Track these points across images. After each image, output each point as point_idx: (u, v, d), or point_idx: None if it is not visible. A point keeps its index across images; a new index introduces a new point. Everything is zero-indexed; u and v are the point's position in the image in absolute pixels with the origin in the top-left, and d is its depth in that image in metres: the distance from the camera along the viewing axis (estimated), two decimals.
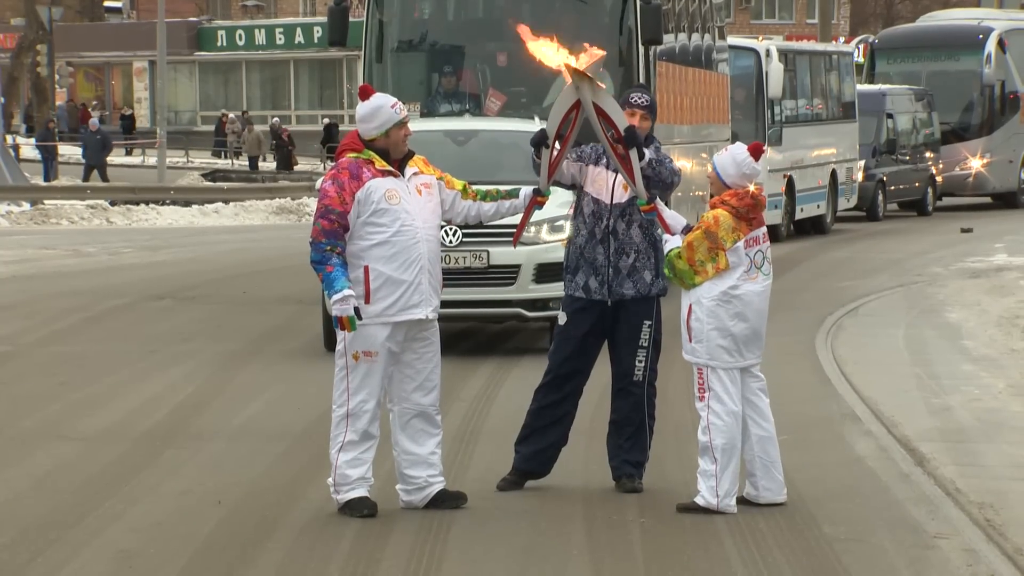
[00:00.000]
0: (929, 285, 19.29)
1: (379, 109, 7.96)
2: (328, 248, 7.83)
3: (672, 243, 8.14)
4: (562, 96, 8.27)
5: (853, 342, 14.48)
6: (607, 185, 8.46)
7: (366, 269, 7.89)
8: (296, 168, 48.43)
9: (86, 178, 39.77)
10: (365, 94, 8.04)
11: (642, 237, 8.48)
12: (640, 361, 8.46)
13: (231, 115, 56.03)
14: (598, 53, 8.33)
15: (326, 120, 56.17)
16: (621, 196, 8.43)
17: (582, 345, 8.56)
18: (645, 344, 8.47)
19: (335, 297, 7.75)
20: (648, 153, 8.29)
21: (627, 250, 8.45)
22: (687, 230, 8.19)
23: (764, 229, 8.19)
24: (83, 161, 42.09)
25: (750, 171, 8.07)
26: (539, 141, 8.25)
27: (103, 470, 9.17)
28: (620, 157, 8.20)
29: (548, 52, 8.24)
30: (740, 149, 8.11)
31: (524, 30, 8.24)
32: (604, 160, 8.46)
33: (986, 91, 33.46)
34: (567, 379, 8.64)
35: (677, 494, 8.27)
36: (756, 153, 8.08)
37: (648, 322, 8.47)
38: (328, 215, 7.85)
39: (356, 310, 7.75)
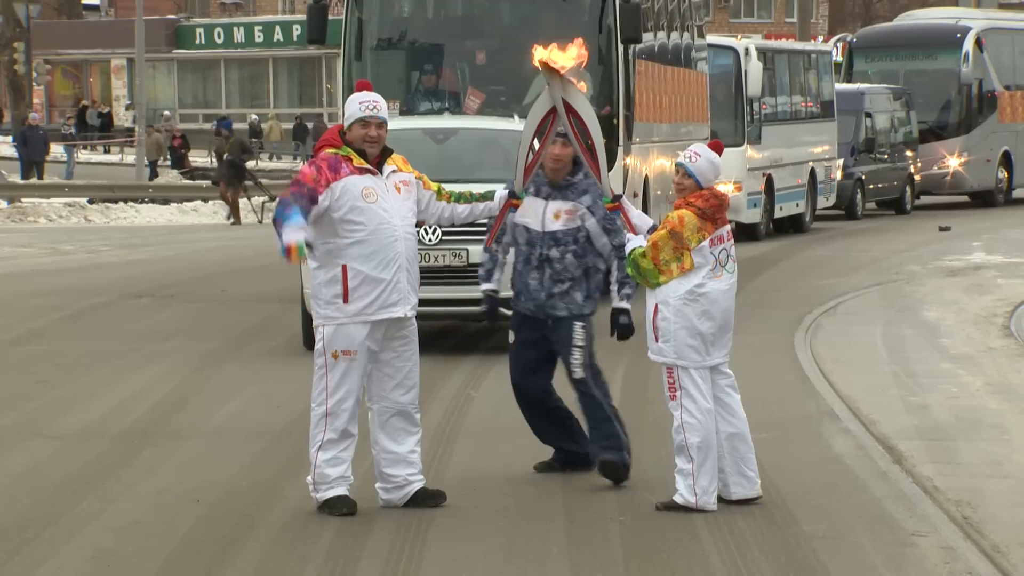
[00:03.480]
0: (907, 283, 19.35)
1: (351, 101, 8.00)
2: (292, 201, 7.73)
3: (635, 242, 8.14)
4: (539, 100, 8.28)
5: (831, 340, 14.52)
6: (538, 213, 8.60)
7: (344, 268, 7.88)
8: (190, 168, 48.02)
9: (26, 176, 39.48)
10: (359, 88, 8.06)
11: (576, 265, 8.63)
12: (576, 359, 8.60)
13: (166, 113, 56.19)
14: (582, 55, 8.34)
15: (253, 116, 56.33)
16: (552, 224, 8.58)
17: (535, 351, 8.76)
18: (580, 343, 8.63)
19: (288, 225, 7.61)
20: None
21: (563, 278, 8.62)
22: (653, 230, 8.21)
23: (728, 228, 8.21)
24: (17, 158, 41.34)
25: (721, 169, 8.19)
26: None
27: (81, 469, 9.15)
28: (587, 154, 8.21)
29: (539, 53, 8.21)
30: (711, 152, 8.12)
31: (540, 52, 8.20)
32: (532, 188, 8.58)
33: (964, 90, 33.56)
34: (530, 387, 8.85)
35: (656, 492, 8.28)
36: (719, 151, 8.17)
37: (580, 323, 8.65)
38: (299, 185, 7.82)
39: (308, 243, 7.69)
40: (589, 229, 8.58)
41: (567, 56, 8.15)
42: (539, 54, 8.14)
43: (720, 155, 8.17)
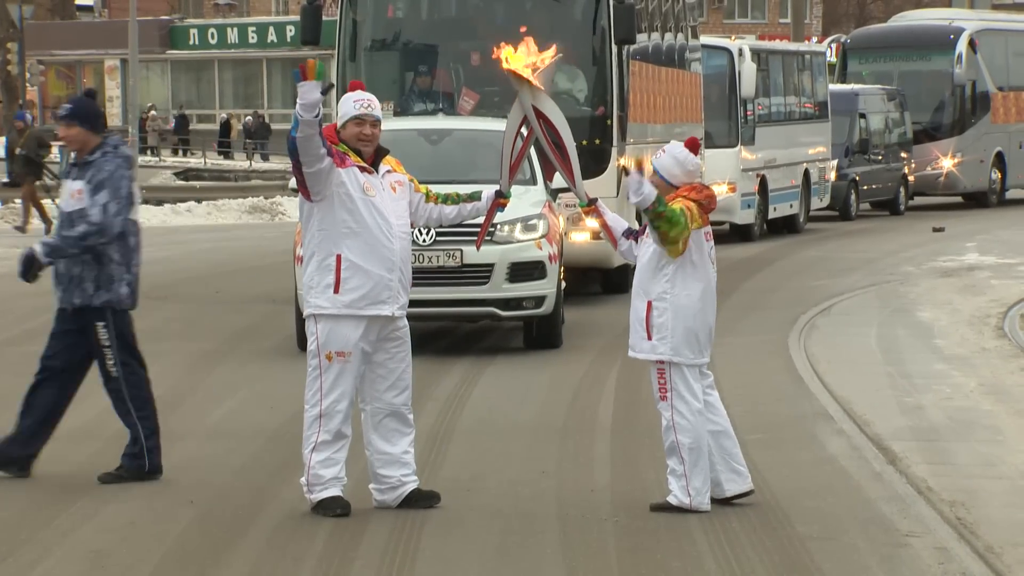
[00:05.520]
0: (901, 284, 19.36)
1: (345, 100, 7.99)
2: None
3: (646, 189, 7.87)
4: (514, 109, 8.25)
5: (826, 341, 14.52)
6: (65, 194, 8.73)
7: (338, 258, 7.88)
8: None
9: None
10: (352, 88, 8.07)
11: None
12: (109, 359, 8.70)
13: (153, 112, 56.28)
14: (550, 57, 8.32)
15: (248, 117, 56.39)
16: (70, 204, 8.67)
17: (61, 341, 8.84)
18: (106, 343, 8.70)
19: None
20: None
21: (75, 261, 8.70)
22: (628, 233, 8.18)
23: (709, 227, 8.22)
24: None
25: (693, 167, 8.06)
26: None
27: (75, 469, 9.14)
28: (560, 159, 8.19)
29: (513, 61, 8.19)
30: (678, 148, 8.05)
31: (506, 51, 8.16)
32: (71, 173, 8.74)
33: (957, 91, 33.59)
34: (54, 371, 8.90)
35: (650, 493, 8.28)
36: (694, 148, 8.07)
37: (101, 323, 8.72)
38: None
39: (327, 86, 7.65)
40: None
41: (518, 59, 8.09)
42: (504, 59, 8.09)
43: (696, 154, 8.10)
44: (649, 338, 8.01)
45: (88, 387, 12.13)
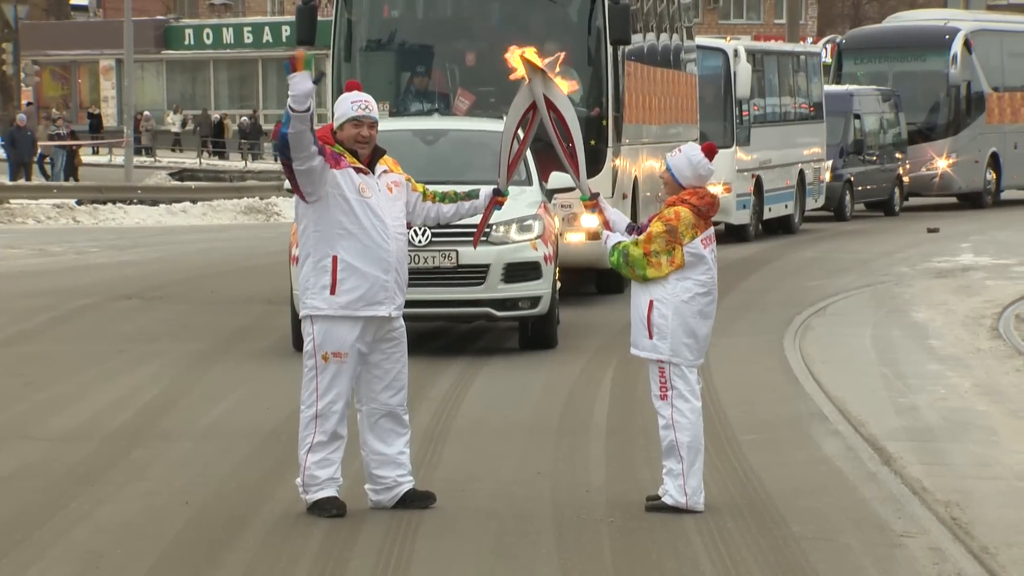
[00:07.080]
0: (896, 285, 19.38)
1: (342, 101, 7.98)
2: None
3: (614, 238, 8.11)
4: (519, 97, 8.26)
5: (821, 342, 14.53)
6: None
7: (334, 259, 7.88)
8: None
9: (14, 176, 39.21)
10: (349, 88, 8.06)
11: None
12: None
13: (146, 112, 56.35)
14: (558, 54, 8.34)
15: (243, 118, 56.44)
16: None
17: None
18: None
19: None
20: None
21: None
22: (630, 229, 8.20)
23: (712, 229, 8.24)
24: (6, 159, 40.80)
25: (705, 172, 8.09)
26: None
27: (70, 470, 9.14)
28: (566, 152, 8.20)
29: (515, 57, 8.21)
30: (694, 150, 8.09)
31: (513, 53, 8.17)
32: None
33: (952, 91, 33.62)
34: None
35: (645, 493, 8.28)
36: (710, 154, 8.08)
37: None
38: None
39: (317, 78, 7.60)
40: None
41: (530, 52, 8.13)
42: (519, 53, 8.12)
43: (711, 159, 8.12)
44: (650, 337, 8.02)
45: (83, 389, 12.16)
